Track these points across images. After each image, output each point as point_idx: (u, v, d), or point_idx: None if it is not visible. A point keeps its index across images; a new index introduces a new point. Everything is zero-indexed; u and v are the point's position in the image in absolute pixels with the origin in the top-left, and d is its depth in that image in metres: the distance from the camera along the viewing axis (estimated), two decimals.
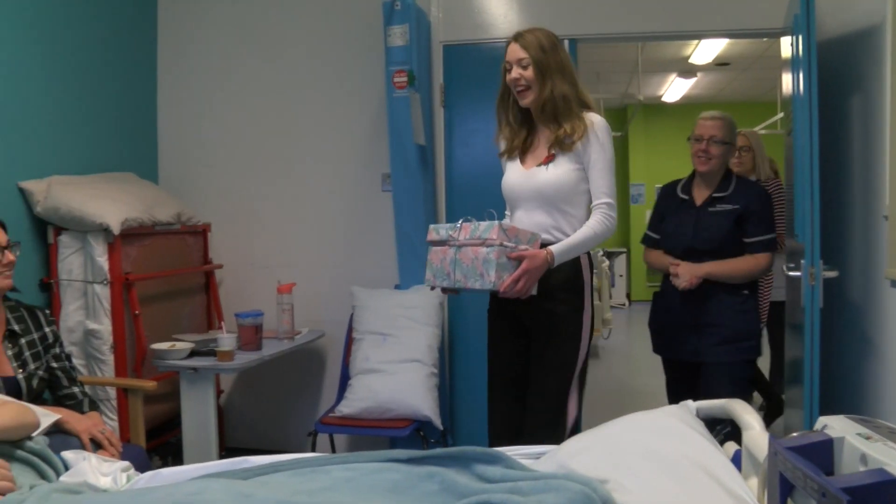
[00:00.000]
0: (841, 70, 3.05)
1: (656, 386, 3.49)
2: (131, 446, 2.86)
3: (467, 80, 4.06)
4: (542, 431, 2.51)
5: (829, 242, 2.85)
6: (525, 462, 1.79)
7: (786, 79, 3.26)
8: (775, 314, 4.18)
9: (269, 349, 3.57)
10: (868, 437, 1.24)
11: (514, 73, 2.59)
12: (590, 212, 2.61)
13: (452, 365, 4.09)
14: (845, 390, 2.95)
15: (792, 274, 2.89)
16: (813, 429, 1.37)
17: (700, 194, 3.28)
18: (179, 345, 3.44)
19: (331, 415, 3.67)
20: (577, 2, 4.05)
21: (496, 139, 2.80)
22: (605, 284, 8.53)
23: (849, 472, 1.22)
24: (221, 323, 3.93)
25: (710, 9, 3.93)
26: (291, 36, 4.38)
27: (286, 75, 4.39)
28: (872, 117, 2.75)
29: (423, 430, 3.61)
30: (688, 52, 7.86)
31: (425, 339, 3.72)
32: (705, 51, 7.70)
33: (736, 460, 1.74)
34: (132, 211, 3.54)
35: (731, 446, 1.90)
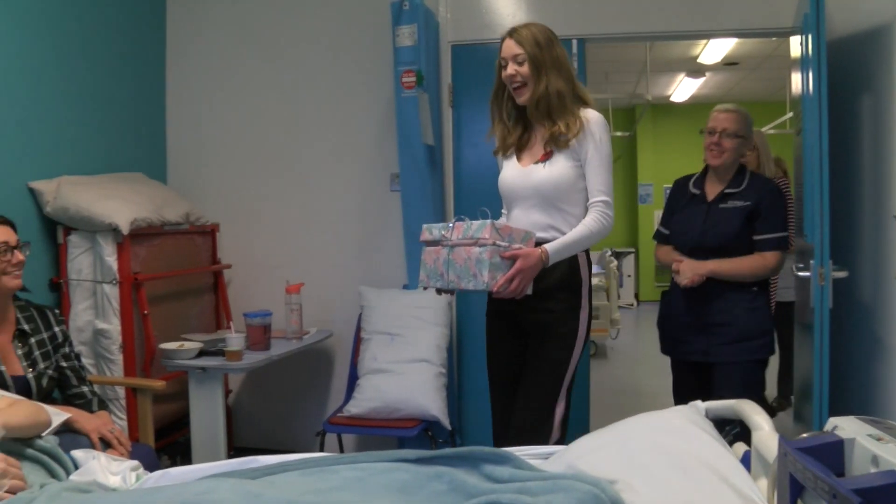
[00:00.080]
0: (851, 69, 3.04)
1: (664, 386, 3.46)
2: (140, 445, 2.87)
3: (475, 80, 4.05)
4: (527, 429, 2.48)
5: (839, 242, 2.84)
6: (534, 462, 1.79)
7: (795, 78, 3.25)
8: (781, 315, 4.16)
9: (278, 349, 3.58)
10: (879, 439, 1.23)
11: (510, 69, 2.54)
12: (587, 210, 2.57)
13: (461, 365, 4.09)
14: (855, 391, 2.94)
15: (801, 274, 2.87)
16: (823, 430, 1.36)
17: (712, 189, 3.17)
18: (188, 344, 3.45)
19: (339, 415, 3.67)
20: (585, 1, 4.05)
21: (488, 138, 2.75)
22: (613, 284, 8.51)
23: (860, 473, 1.22)
24: (230, 323, 3.94)
25: (719, 8, 3.92)
26: (300, 37, 4.39)
27: (294, 76, 4.40)
28: (882, 116, 2.74)
29: (431, 430, 3.61)
30: (696, 51, 7.84)
31: (434, 339, 3.72)
32: (714, 50, 7.67)
33: (745, 461, 1.73)
34: (141, 211, 3.55)
35: (740, 447, 1.89)
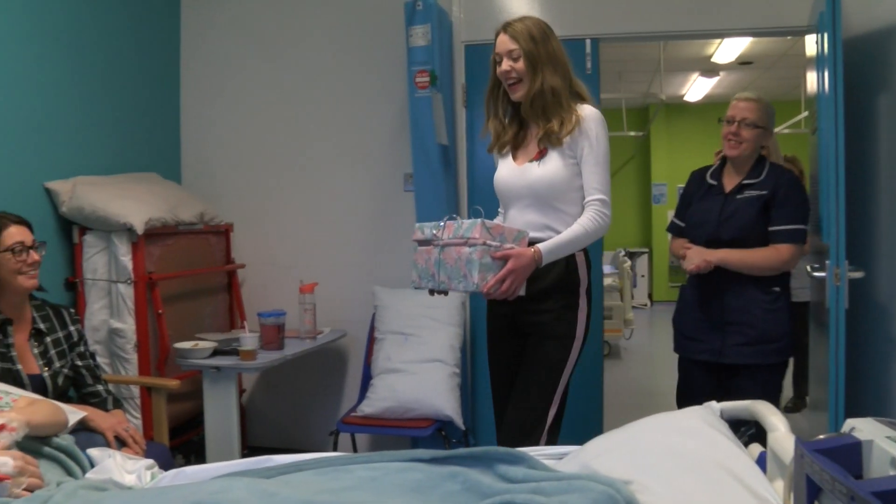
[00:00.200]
0: (867, 68, 3.01)
1: None
2: (155, 444, 2.89)
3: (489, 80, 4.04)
4: (517, 430, 2.45)
5: (855, 242, 2.81)
6: (548, 462, 1.79)
7: (810, 77, 3.22)
8: (796, 315, 4.10)
9: (291, 349, 3.59)
10: None
11: (505, 65, 2.48)
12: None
13: (474, 365, 4.09)
14: (871, 392, 2.91)
15: (817, 274, 2.84)
16: (840, 431, 1.35)
17: (730, 181, 3.05)
18: (202, 344, 3.46)
19: (352, 414, 3.68)
20: (599, 1, 4.04)
21: (482, 134, 2.70)
22: (627, 285, 8.49)
23: (878, 475, 1.21)
24: (244, 322, 3.95)
25: (733, 7, 3.90)
26: (313, 37, 4.40)
27: (308, 76, 4.41)
28: None
29: (444, 430, 3.61)
30: (710, 51, 7.81)
31: (447, 339, 3.72)
32: (728, 50, 7.64)
33: (761, 462, 1.72)
34: (156, 211, 3.56)
35: (755, 448, 1.88)
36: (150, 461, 2.15)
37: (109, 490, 1.78)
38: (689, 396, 2.96)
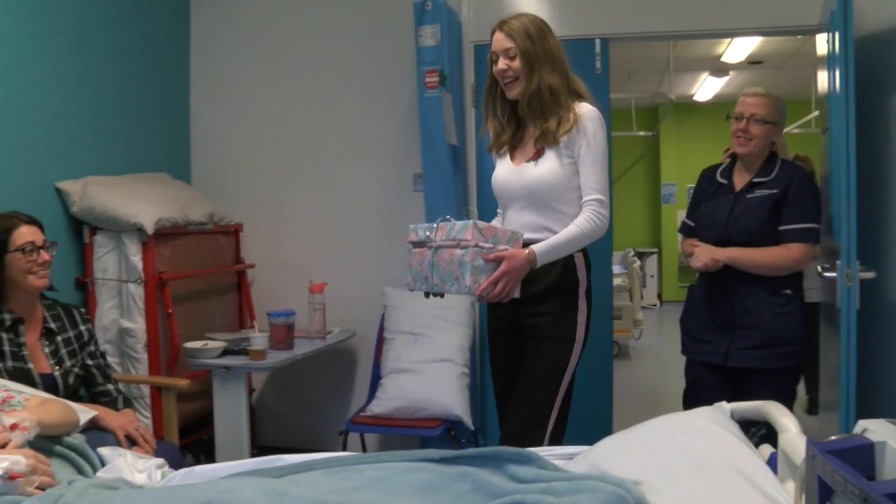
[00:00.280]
0: (878, 67, 3.00)
1: None
2: (164, 443, 2.90)
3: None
4: (518, 437, 2.38)
5: (866, 242, 2.80)
6: (558, 463, 1.78)
7: (821, 76, 3.21)
8: (808, 317, 4.07)
9: (301, 348, 3.59)
10: None
11: (501, 64, 2.43)
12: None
13: (483, 365, 4.08)
14: (883, 393, 2.90)
15: (827, 275, 2.82)
16: (852, 432, 1.35)
17: (740, 179, 2.97)
18: (212, 343, 3.47)
19: (362, 414, 3.68)
20: (608, 1, 4.03)
21: (482, 134, 2.66)
22: (636, 285, 8.48)
23: (891, 477, 1.20)
24: (253, 322, 3.96)
25: (743, 7, 3.89)
26: (322, 38, 4.40)
27: (317, 76, 4.42)
28: None
29: (454, 430, 3.61)
30: (720, 50, 7.78)
31: (457, 339, 3.72)
32: (738, 49, 7.60)
33: (772, 463, 1.71)
34: (166, 211, 3.57)
35: (766, 449, 1.87)
36: (161, 460, 2.15)
37: (120, 489, 1.79)
38: (695, 400, 2.85)
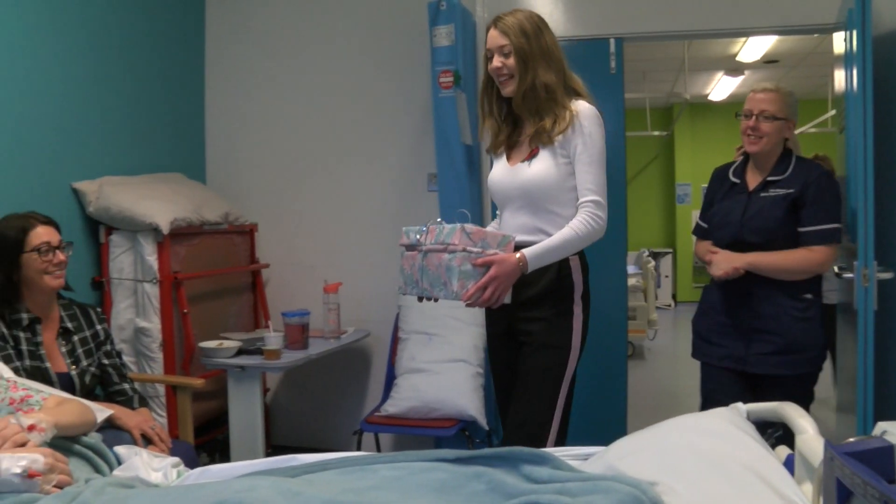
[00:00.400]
0: None
1: None
2: (180, 443, 2.90)
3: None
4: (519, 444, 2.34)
5: (884, 242, 2.77)
6: (573, 463, 1.78)
7: (838, 75, 3.19)
8: (827, 318, 4.03)
9: (316, 348, 3.60)
10: None
11: (496, 61, 2.36)
12: None
13: None
14: None
15: (845, 276, 2.79)
16: (871, 434, 1.34)
17: (753, 178, 2.85)
18: (227, 343, 3.48)
19: (376, 414, 3.68)
20: (623, 1, 4.02)
21: (479, 134, 2.61)
22: (651, 285, 8.45)
23: None
24: (268, 322, 3.97)
25: (759, 5, 3.87)
26: (337, 38, 4.41)
27: (332, 76, 4.42)
28: None
29: (468, 430, 3.60)
30: (735, 49, 7.74)
31: (471, 339, 3.71)
32: (753, 48, 7.56)
33: (788, 465, 1.70)
34: (181, 211, 3.59)
35: (783, 450, 1.86)
36: (176, 459, 2.16)
37: (136, 487, 1.80)
38: (715, 404, 2.81)
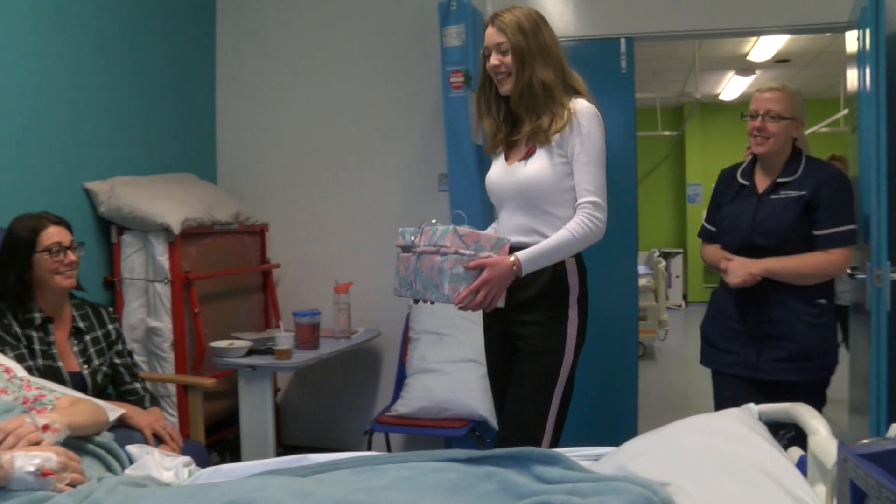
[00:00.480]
0: None
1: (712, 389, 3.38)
2: (191, 442, 2.91)
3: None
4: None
5: None
6: (584, 464, 1.77)
7: (851, 74, 3.17)
8: (839, 321, 4.02)
9: (326, 348, 3.60)
10: None
11: (493, 59, 2.32)
12: None
13: None
14: None
15: (857, 276, 2.78)
16: (885, 436, 1.33)
17: (762, 180, 2.77)
18: (238, 343, 3.48)
19: (387, 414, 3.68)
20: (633, 0, 4.01)
21: (474, 133, 2.62)
22: (662, 285, 8.44)
23: None
24: (279, 322, 3.98)
25: (770, 4, 3.86)
26: (347, 38, 4.41)
27: (342, 76, 4.43)
28: None
29: (478, 431, 3.60)
30: (746, 49, 7.71)
31: (481, 340, 3.69)
32: (764, 48, 7.53)
33: (801, 466, 1.69)
34: (192, 211, 3.60)
35: (795, 451, 1.85)
36: (188, 458, 2.16)
37: (148, 486, 1.80)
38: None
